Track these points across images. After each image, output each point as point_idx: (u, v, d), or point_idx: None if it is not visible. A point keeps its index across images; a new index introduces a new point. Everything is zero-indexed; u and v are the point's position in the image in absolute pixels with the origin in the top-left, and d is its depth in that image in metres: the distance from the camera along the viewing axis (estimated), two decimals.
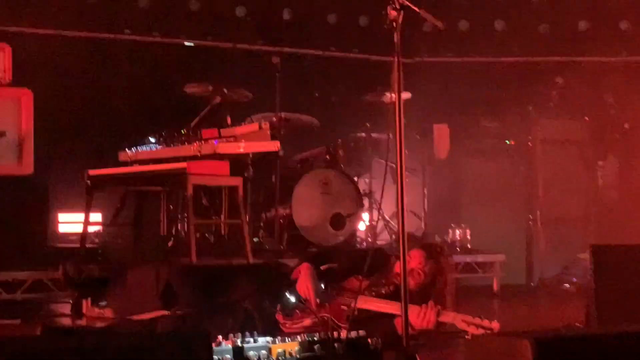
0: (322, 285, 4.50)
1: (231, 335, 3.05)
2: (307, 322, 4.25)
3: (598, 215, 9.11)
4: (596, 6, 9.77)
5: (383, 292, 4.35)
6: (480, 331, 3.90)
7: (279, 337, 3.18)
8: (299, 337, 3.22)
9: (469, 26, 9.89)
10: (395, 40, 3.38)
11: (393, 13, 3.36)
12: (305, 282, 4.42)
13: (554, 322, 5.86)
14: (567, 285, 7.95)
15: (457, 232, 8.34)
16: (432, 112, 8.96)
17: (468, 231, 8.36)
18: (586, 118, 9.16)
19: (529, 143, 8.84)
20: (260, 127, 6.55)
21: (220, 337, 3.00)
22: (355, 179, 7.94)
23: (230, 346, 2.95)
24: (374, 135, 8.03)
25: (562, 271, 8.18)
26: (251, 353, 2.97)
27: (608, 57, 9.54)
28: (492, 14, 9.96)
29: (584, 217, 9.04)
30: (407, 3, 3.42)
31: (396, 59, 3.38)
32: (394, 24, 3.39)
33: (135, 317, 5.17)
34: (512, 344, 2.31)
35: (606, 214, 9.08)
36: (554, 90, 8.64)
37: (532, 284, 8.45)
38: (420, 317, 4.00)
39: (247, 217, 6.85)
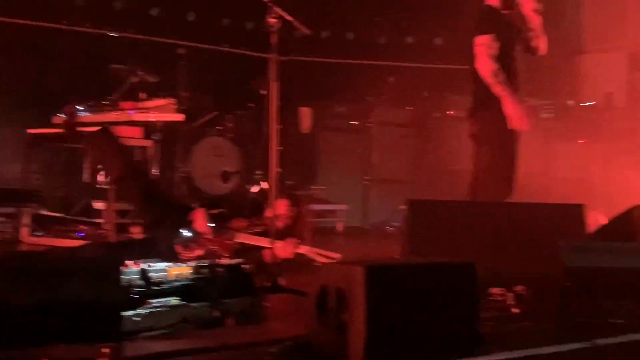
0: (212, 225, 4.50)
1: (139, 262, 2.92)
2: (199, 252, 4.28)
3: (417, 178, 9.35)
4: (420, 25, 10.70)
5: (258, 231, 4.41)
6: (327, 260, 4.09)
7: (177, 264, 3.11)
8: (192, 263, 3.15)
9: (330, 34, 10.63)
10: (272, 41, 3.63)
11: (272, 20, 3.61)
12: (199, 223, 4.43)
13: (380, 254, 6.22)
14: (391, 228, 8.22)
15: (315, 187, 8.73)
16: (300, 98, 9.07)
17: (321, 187, 8.77)
18: (410, 107, 9.58)
19: (368, 124, 9.19)
20: (167, 102, 6.63)
21: (129, 262, 2.86)
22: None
23: (137, 269, 2.82)
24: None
25: (388, 218, 8.43)
26: (153, 274, 2.86)
27: (426, 64, 9.87)
28: (344, 26, 10.48)
29: (407, 179, 9.29)
30: (282, 13, 3.61)
31: (274, 56, 3.66)
32: (272, 28, 3.63)
33: (65, 244, 5.39)
34: (350, 269, 2.30)
35: (423, 178, 9.28)
36: (387, 86, 9.01)
37: (366, 226, 8.79)
38: (284, 249, 4.15)
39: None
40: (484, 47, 5.13)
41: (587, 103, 10.69)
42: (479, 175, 5.34)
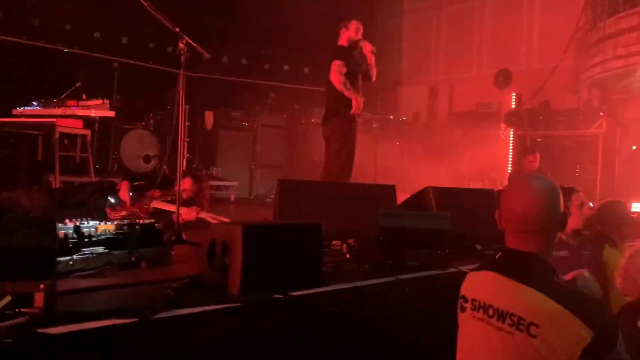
0: (134, 193, 4.32)
1: (74, 219, 2.75)
2: (124, 213, 4.09)
3: (288, 165, 9.40)
4: (293, 57, 10.69)
5: (169, 199, 4.26)
6: (219, 222, 3.86)
7: (105, 222, 2.90)
8: (116, 221, 2.95)
9: (228, 59, 10.53)
10: (182, 60, 3.44)
11: (181, 45, 3.42)
12: (123, 192, 4.27)
13: (259, 218, 5.81)
14: (268, 199, 8.04)
15: (214, 169, 8.65)
16: (206, 104, 9.12)
17: (220, 168, 8.69)
18: (284, 115, 9.61)
19: (255, 125, 9.09)
20: (102, 102, 6.34)
21: (67, 220, 2.72)
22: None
23: (72, 225, 2.68)
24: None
25: (267, 192, 8.36)
26: (85, 229, 2.71)
27: (297, 85, 10.11)
28: (240, 54, 10.52)
29: (281, 165, 9.33)
30: (189, 41, 3.39)
31: (181, 70, 3.47)
32: (182, 51, 3.44)
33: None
34: (232, 227, 2.25)
35: (293, 165, 9.34)
36: (268, 99, 8.93)
37: (251, 198, 8.78)
38: (187, 213, 4.06)
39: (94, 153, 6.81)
40: (337, 66, 5.22)
41: (402, 118, 11.16)
42: (329, 164, 5.43)
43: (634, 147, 8.72)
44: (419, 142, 10.26)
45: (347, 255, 3.14)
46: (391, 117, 10.75)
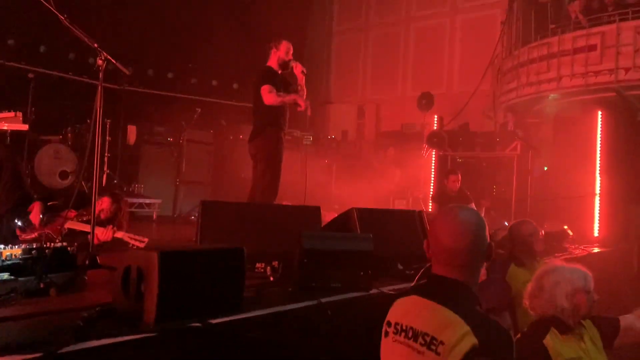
0: (47, 214, 4.12)
1: None
2: (35, 235, 3.94)
3: (215, 182, 9.32)
4: (222, 72, 10.66)
5: (84, 219, 4.05)
6: (138, 243, 3.85)
7: (10, 245, 2.65)
8: (23, 245, 2.71)
9: (154, 72, 10.29)
10: (100, 76, 3.23)
11: (99, 61, 3.25)
12: (34, 213, 4.08)
13: (181, 238, 5.91)
14: (193, 217, 7.68)
15: (136, 185, 8.39)
16: (128, 116, 8.81)
17: (142, 185, 8.44)
18: (211, 131, 9.44)
19: (181, 140, 8.82)
20: (15, 114, 6.29)
21: None
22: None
23: None
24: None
25: (191, 210, 8.14)
26: None
27: (225, 100, 10.19)
28: (166, 68, 10.34)
29: (207, 182, 9.30)
30: (108, 56, 3.24)
31: (100, 86, 3.22)
32: (100, 67, 3.25)
33: None
34: (148, 253, 2.14)
35: (219, 182, 9.21)
36: (195, 115, 8.65)
37: (175, 216, 8.41)
38: (104, 234, 3.91)
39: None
40: (266, 90, 5.22)
41: (330, 136, 11.31)
42: (255, 182, 5.39)
43: (545, 168, 9.33)
44: (347, 161, 10.43)
45: (271, 278, 3.11)
46: (320, 134, 10.87)
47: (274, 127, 5.30)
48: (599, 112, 8.21)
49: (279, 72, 5.43)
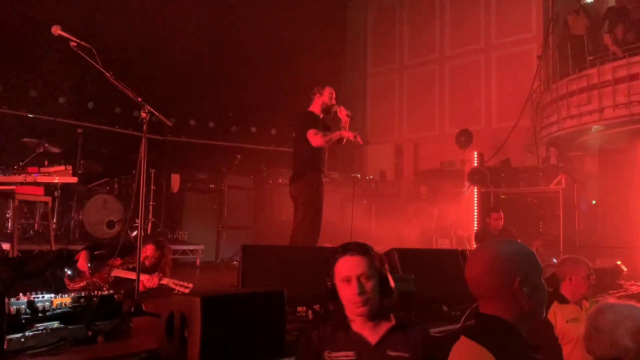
0: (93, 262, 4.18)
1: (29, 293, 2.57)
2: (83, 284, 4.00)
3: (256, 226, 9.28)
4: (259, 118, 10.92)
5: (130, 267, 4.12)
6: (183, 289, 3.87)
7: (60, 294, 2.69)
8: (72, 294, 2.73)
9: (196, 122, 10.64)
10: (144, 128, 3.30)
11: (143, 114, 3.30)
12: (81, 262, 4.14)
13: (224, 283, 5.84)
14: (235, 262, 7.62)
15: (180, 232, 8.57)
16: (171, 165, 9.22)
17: (186, 232, 8.60)
18: (251, 176, 9.49)
19: (222, 187, 8.93)
20: (65, 168, 6.55)
21: (20, 294, 2.54)
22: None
23: (25, 299, 2.50)
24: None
25: (233, 255, 8.10)
26: (39, 304, 2.53)
27: (264, 146, 10.38)
28: (207, 117, 10.72)
29: (249, 227, 9.31)
30: (151, 109, 3.32)
31: (144, 137, 3.26)
32: (144, 120, 3.28)
33: None
34: (190, 299, 2.15)
35: (261, 226, 9.19)
36: (235, 161, 8.91)
37: (217, 261, 8.43)
38: (149, 281, 3.95)
39: (55, 220, 6.76)
40: (312, 134, 5.30)
41: (369, 177, 11.31)
42: (297, 225, 5.43)
43: (593, 202, 9.02)
44: (386, 201, 10.38)
45: (312, 321, 3.08)
46: (358, 175, 10.87)
47: (315, 170, 5.36)
48: None
49: (321, 116, 5.53)
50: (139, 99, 3.25)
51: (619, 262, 5.98)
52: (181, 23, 8.98)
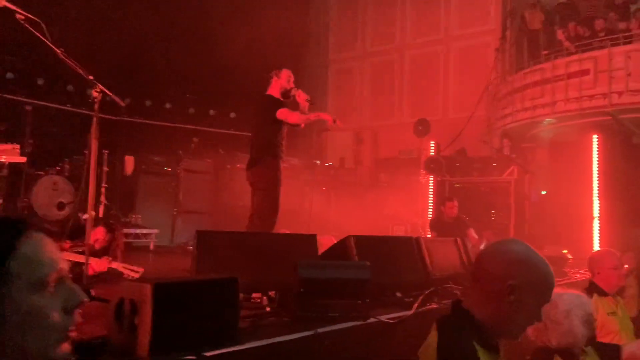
0: None
1: None
2: None
3: (213, 211, 9.15)
4: (219, 101, 10.70)
5: (79, 250, 3.94)
6: (133, 274, 3.81)
7: None
8: None
9: (152, 103, 10.34)
10: (95, 107, 3.27)
11: (94, 93, 3.27)
12: None
13: (178, 268, 5.52)
14: (190, 247, 7.76)
15: (133, 215, 8.33)
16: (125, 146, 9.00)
17: (140, 216, 8.37)
18: (209, 160, 9.43)
19: (178, 170, 8.86)
20: (13, 147, 6.27)
21: None
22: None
23: None
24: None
25: (189, 239, 7.86)
26: None
27: (222, 129, 10.12)
28: (164, 98, 10.49)
29: (205, 211, 9.13)
30: (103, 88, 3.24)
31: (95, 117, 3.27)
32: (95, 99, 3.28)
33: None
34: (141, 285, 2.07)
35: (218, 211, 9.09)
36: (192, 144, 8.83)
37: (172, 246, 8.38)
38: (99, 264, 3.88)
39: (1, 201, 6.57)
40: (286, 113, 5.22)
41: (328, 163, 11.32)
42: (254, 211, 5.37)
43: (543, 192, 9.33)
44: (345, 188, 10.42)
45: (268, 309, 3.06)
46: (318, 162, 10.89)
47: (273, 156, 5.29)
48: (595, 136, 8.25)
49: (281, 100, 5.46)
50: (91, 77, 3.12)
51: (565, 251, 6.21)
52: (138, 1, 8.69)
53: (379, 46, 13.24)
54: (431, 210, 9.52)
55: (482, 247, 7.23)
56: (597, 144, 8.28)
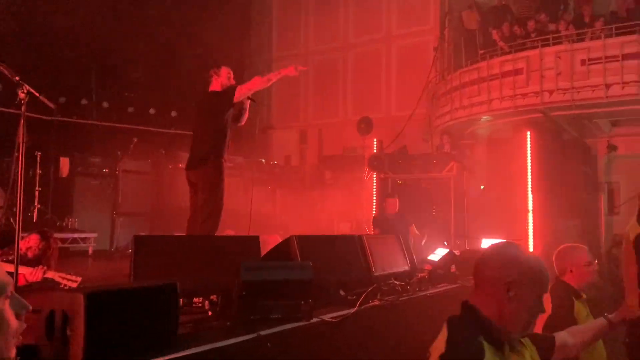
0: None
1: None
2: None
3: (155, 213, 8.95)
4: (160, 100, 10.44)
5: (10, 258, 3.71)
6: (70, 283, 3.66)
7: None
8: None
9: (89, 102, 9.96)
10: (22, 109, 3.15)
11: (21, 94, 3.16)
12: None
13: (119, 273, 5.33)
14: (130, 251, 7.56)
15: (70, 220, 8.05)
16: (60, 147, 8.62)
17: (76, 219, 8.10)
18: (149, 160, 9.17)
19: (117, 172, 8.65)
20: None
21: None
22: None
23: None
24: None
25: (128, 243, 7.26)
26: None
27: (163, 129, 9.98)
28: (101, 97, 10.11)
29: (146, 213, 8.99)
30: (30, 89, 3.15)
31: (22, 118, 3.16)
32: (22, 100, 3.15)
33: None
34: (73, 296, 2.02)
35: (159, 212, 8.86)
36: (131, 144, 8.53)
37: (112, 250, 8.24)
38: (32, 274, 3.73)
39: None
40: (241, 88, 5.09)
41: (273, 162, 11.30)
42: (196, 212, 5.25)
43: (482, 187, 9.68)
44: (291, 186, 10.43)
45: (210, 313, 3.02)
46: (263, 160, 10.84)
47: (217, 155, 5.18)
48: (528, 133, 8.63)
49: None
50: (17, 78, 2.97)
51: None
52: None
53: (322, 44, 13.31)
54: (375, 207, 9.68)
55: (423, 242, 7.48)
56: (530, 141, 8.66)
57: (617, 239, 8.31)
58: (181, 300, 2.74)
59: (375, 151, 10.02)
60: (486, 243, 6.86)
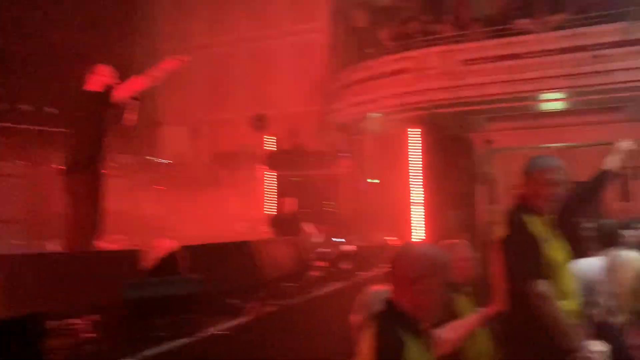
0: None
1: None
2: None
3: (30, 219, 8.30)
4: (34, 94, 9.61)
5: None
6: None
7: None
8: None
9: None
10: None
11: None
12: None
13: None
14: None
15: None
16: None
17: None
18: (21, 161, 8.63)
19: None
20: None
21: None
22: None
23: None
24: None
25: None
26: None
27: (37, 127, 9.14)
28: None
29: (18, 219, 8.28)
30: None
31: None
32: None
33: None
34: None
35: (35, 218, 8.22)
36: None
37: None
38: None
39: None
40: (121, 89, 4.74)
41: (164, 160, 10.87)
42: (75, 221, 4.86)
43: (376, 181, 10.00)
44: (184, 186, 10.06)
45: (91, 335, 2.80)
46: (152, 159, 10.38)
47: (96, 159, 4.83)
48: (413, 129, 9.04)
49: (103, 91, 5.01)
50: None
51: (393, 238, 6.73)
52: None
53: (214, 37, 12.97)
54: (270, 204, 9.65)
55: (319, 240, 7.57)
56: (417, 137, 9.07)
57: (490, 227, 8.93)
58: (56, 323, 2.54)
59: (270, 148, 9.98)
60: (379, 237, 7.10)
